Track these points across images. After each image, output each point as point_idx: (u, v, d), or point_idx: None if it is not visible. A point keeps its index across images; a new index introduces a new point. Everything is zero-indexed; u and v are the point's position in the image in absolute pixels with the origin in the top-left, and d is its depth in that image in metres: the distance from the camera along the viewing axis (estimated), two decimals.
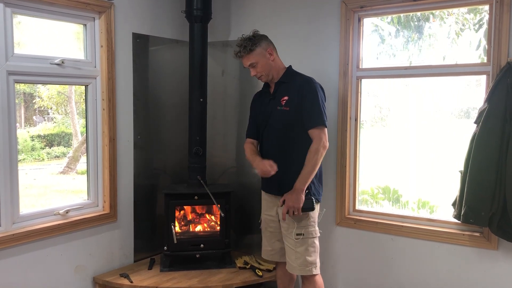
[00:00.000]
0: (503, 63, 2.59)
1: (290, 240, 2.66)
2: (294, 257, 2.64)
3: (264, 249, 2.89)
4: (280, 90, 2.71)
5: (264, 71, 2.69)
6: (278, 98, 2.70)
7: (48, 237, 2.82)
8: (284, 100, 2.66)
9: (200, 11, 3.29)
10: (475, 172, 2.56)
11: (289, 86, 2.69)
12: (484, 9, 2.79)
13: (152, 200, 3.55)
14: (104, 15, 3.06)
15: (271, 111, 2.71)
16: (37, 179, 3.38)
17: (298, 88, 2.64)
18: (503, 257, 2.70)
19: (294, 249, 2.64)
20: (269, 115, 2.72)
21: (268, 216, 2.82)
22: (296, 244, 2.63)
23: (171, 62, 3.63)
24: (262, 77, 2.72)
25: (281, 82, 2.72)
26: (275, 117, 2.69)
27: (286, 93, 2.67)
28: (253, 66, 2.69)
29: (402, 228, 3.01)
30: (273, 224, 2.79)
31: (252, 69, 2.70)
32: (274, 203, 2.75)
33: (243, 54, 2.67)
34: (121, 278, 3.08)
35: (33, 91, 3.33)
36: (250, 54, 2.66)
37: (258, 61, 2.67)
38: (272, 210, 2.78)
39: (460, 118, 3.09)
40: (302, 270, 2.63)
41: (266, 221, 2.84)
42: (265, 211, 2.84)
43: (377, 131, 3.45)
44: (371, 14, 3.12)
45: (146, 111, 3.45)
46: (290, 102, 2.65)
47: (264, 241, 2.88)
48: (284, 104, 2.65)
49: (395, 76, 3.13)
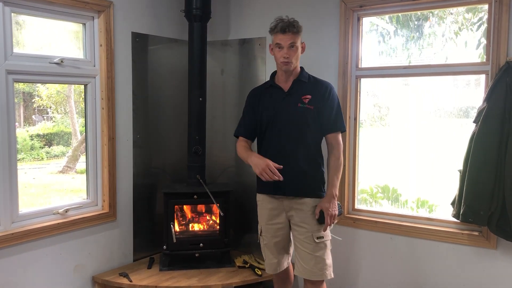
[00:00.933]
0: (502, 63, 2.59)
1: (307, 245, 2.55)
2: (314, 262, 2.54)
3: (269, 263, 2.74)
4: (298, 87, 2.63)
5: (295, 58, 2.58)
6: (297, 95, 2.61)
7: (47, 236, 2.82)
8: (306, 98, 2.59)
9: (199, 10, 3.29)
10: (474, 171, 2.57)
11: (311, 86, 2.64)
12: (484, 8, 2.79)
13: (152, 199, 3.55)
14: (103, 14, 3.05)
15: (288, 108, 2.61)
16: (36, 178, 3.38)
17: (322, 90, 2.61)
18: (502, 256, 2.70)
19: (312, 253, 2.54)
20: (285, 112, 2.61)
21: (275, 225, 2.66)
22: (316, 248, 2.55)
23: (170, 61, 3.63)
24: (289, 64, 2.56)
25: (300, 80, 2.65)
26: (294, 115, 2.59)
27: (308, 92, 2.61)
28: (292, 46, 2.54)
29: (401, 227, 3.01)
30: (281, 232, 2.67)
31: (288, 50, 2.54)
32: (283, 207, 2.63)
33: (292, 30, 2.53)
34: (120, 277, 3.08)
35: (32, 90, 3.33)
36: (296, 34, 2.56)
37: (297, 45, 2.58)
38: (280, 217, 2.65)
39: (459, 118, 3.09)
40: (322, 275, 2.56)
41: (270, 231, 2.68)
42: (269, 221, 2.68)
43: (377, 131, 3.46)
44: (370, 14, 3.12)
45: (145, 110, 3.45)
46: (313, 101, 2.59)
47: (269, 254, 2.73)
48: (307, 102, 2.58)
49: (394, 75, 3.13)
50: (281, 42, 2.54)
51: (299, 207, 2.59)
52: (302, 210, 2.58)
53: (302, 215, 2.58)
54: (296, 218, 2.60)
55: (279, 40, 2.55)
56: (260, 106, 2.70)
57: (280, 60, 2.57)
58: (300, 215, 2.59)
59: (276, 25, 2.56)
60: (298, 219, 2.59)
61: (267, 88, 2.74)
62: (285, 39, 2.53)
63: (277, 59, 2.60)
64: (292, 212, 2.62)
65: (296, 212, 2.60)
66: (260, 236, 2.76)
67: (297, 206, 2.59)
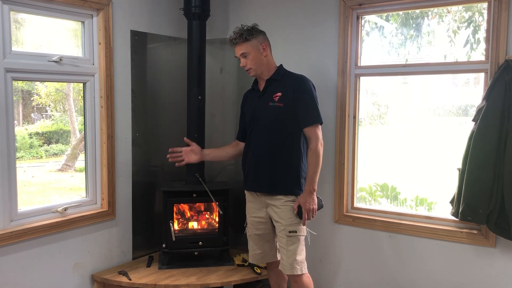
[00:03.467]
0: (501, 61, 2.59)
1: (282, 239, 2.65)
2: (286, 256, 2.63)
3: (252, 254, 2.84)
4: (271, 86, 2.70)
5: (254, 65, 2.67)
6: (269, 94, 2.69)
7: (46, 234, 2.82)
8: (277, 96, 2.65)
9: (198, 8, 3.28)
10: (473, 170, 2.57)
11: (282, 83, 2.69)
12: (483, 6, 2.79)
13: (151, 198, 3.55)
14: (102, 12, 3.05)
15: (261, 107, 2.70)
16: (35, 177, 3.38)
17: (292, 85, 2.65)
18: (501, 254, 2.70)
19: (286, 247, 2.63)
20: (259, 111, 2.71)
21: (255, 219, 2.78)
22: (288, 242, 2.62)
23: (169, 60, 3.62)
24: (250, 70, 2.69)
25: (272, 79, 2.71)
26: (266, 113, 2.68)
27: (278, 90, 2.67)
28: (244, 56, 2.66)
29: (400, 225, 3.01)
30: (263, 226, 2.76)
31: (242, 59, 2.68)
32: (262, 203, 2.73)
33: (238, 41, 2.65)
34: (119, 276, 3.08)
35: (31, 88, 3.33)
36: (244, 43, 2.64)
37: (250, 53, 2.65)
38: (261, 211, 2.75)
39: (459, 116, 3.10)
40: (292, 269, 2.61)
41: (253, 224, 2.79)
42: (252, 214, 2.80)
43: (376, 129, 3.46)
44: (370, 12, 3.12)
45: (144, 109, 3.45)
46: (283, 98, 2.64)
47: (252, 245, 2.83)
48: (277, 100, 2.64)
49: (393, 73, 3.13)
50: (236, 54, 2.72)
51: (273, 203, 2.68)
52: (276, 206, 2.67)
53: (277, 210, 2.67)
54: (273, 214, 2.69)
55: (235, 52, 2.71)
56: (245, 109, 2.86)
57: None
58: (275, 210, 2.67)
59: (229, 39, 2.71)
60: (274, 215, 2.68)
61: (251, 91, 2.87)
62: (236, 51, 2.70)
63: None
64: (269, 209, 2.72)
65: (272, 209, 2.69)
66: (246, 228, 2.86)
67: (272, 202, 2.69)
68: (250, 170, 2.74)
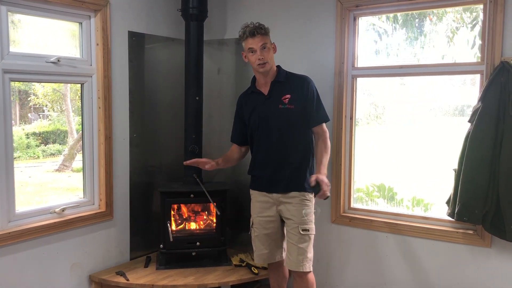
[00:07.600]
0: (497, 62, 2.61)
1: (293, 236, 2.65)
2: (296, 253, 2.63)
3: (259, 254, 2.82)
4: (277, 89, 2.71)
5: (270, 59, 2.67)
6: (276, 97, 2.69)
7: (44, 235, 2.82)
8: (286, 98, 2.67)
9: (196, 9, 3.29)
10: (469, 170, 2.59)
11: (288, 84, 2.70)
12: (480, 7, 2.80)
13: (148, 198, 3.56)
14: (100, 13, 3.05)
15: (270, 110, 2.69)
16: (32, 177, 3.37)
17: (300, 86, 2.69)
18: (496, 254, 2.72)
19: (296, 244, 2.63)
20: (268, 114, 2.70)
21: (264, 218, 2.77)
22: (300, 239, 2.63)
23: (167, 60, 3.63)
24: (266, 65, 2.64)
25: (276, 81, 2.72)
26: (276, 116, 2.68)
27: (286, 92, 2.68)
28: (264, 48, 2.63)
29: (396, 226, 3.03)
30: (271, 225, 2.76)
31: (261, 51, 2.62)
32: (274, 201, 2.74)
33: (261, 32, 2.62)
34: (117, 276, 3.08)
35: (28, 88, 3.32)
36: (266, 35, 2.64)
37: (269, 46, 2.66)
38: (270, 210, 2.75)
39: (455, 116, 3.11)
40: (302, 266, 2.63)
41: (261, 224, 2.78)
42: (260, 213, 2.78)
43: (373, 129, 3.47)
44: (367, 13, 3.13)
45: (142, 109, 3.45)
46: (293, 100, 2.66)
47: (259, 245, 2.81)
48: (287, 102, 2.66)
49: (390, 74, 3.15)
50: (252, 45, 2.63)
51: (287, 200, 2.69)
52: (290, 203, 2.68)
53: (290, 207, 2.68)
54: (286, 212, 2.70)
55: (250, 44, 2.63)
56: (245, 113, 2.82)
57: (256, 63, 2.65)
58: (289, 208, 2.68)
59: (245, 31, 2.65)
60: (287, 212, 2.69)
61: (249, 94, 2.83)
62: (256, 42, 2.62)
63: (253, 64, 2.68)
64: (281, 206, 2.72)
65: (285, 206, 2.70)
66: (252, 228, 2.85)
67: (286, 199, 2.70)
68: (264, 172, 2.74)
